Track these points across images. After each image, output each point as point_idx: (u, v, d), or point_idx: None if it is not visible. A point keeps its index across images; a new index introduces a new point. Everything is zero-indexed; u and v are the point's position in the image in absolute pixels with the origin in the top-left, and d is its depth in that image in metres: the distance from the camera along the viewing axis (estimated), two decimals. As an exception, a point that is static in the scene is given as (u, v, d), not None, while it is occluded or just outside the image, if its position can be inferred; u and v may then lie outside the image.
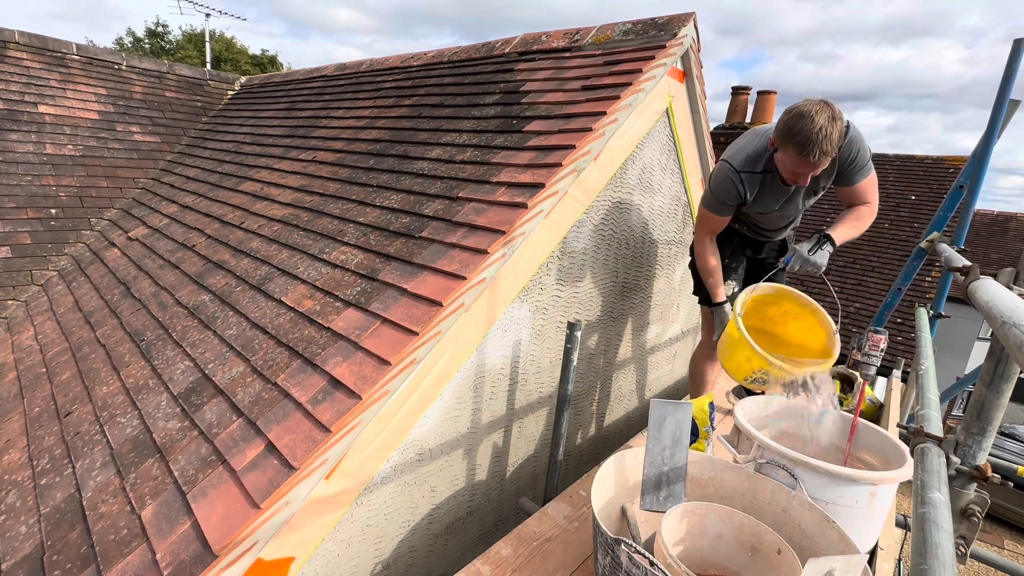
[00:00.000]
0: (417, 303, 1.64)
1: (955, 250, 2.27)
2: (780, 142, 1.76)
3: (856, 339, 3.24)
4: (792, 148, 1.70)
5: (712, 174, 2.04)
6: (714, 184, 2.01)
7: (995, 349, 1.03)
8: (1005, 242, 12.76)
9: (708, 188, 2.06)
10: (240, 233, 2.73)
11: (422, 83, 3.34)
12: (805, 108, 1.67)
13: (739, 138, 2.07)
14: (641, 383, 2.94)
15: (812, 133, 1.64)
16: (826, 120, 1.64)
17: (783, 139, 1.73)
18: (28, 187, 3.79)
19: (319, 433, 1.39)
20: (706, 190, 2.09)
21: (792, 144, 1.69)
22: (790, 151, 1.72)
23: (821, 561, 0.98)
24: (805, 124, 1.65)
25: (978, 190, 3.03)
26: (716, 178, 2.00)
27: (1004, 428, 9.72)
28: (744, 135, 2.05)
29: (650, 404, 1.44)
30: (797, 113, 1.68)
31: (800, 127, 1.66)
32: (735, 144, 2.03)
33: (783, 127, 1.72)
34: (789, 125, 1.69)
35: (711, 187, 2.04)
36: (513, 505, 2.18)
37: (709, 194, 2.05)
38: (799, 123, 1.66)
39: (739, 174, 1.93)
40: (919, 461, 0.99)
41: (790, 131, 1.69)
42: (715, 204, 2.04)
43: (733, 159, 1.95)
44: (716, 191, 2.01)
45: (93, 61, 4.81)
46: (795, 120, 1.67)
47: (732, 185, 1.95)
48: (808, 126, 1.64)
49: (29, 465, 1.85)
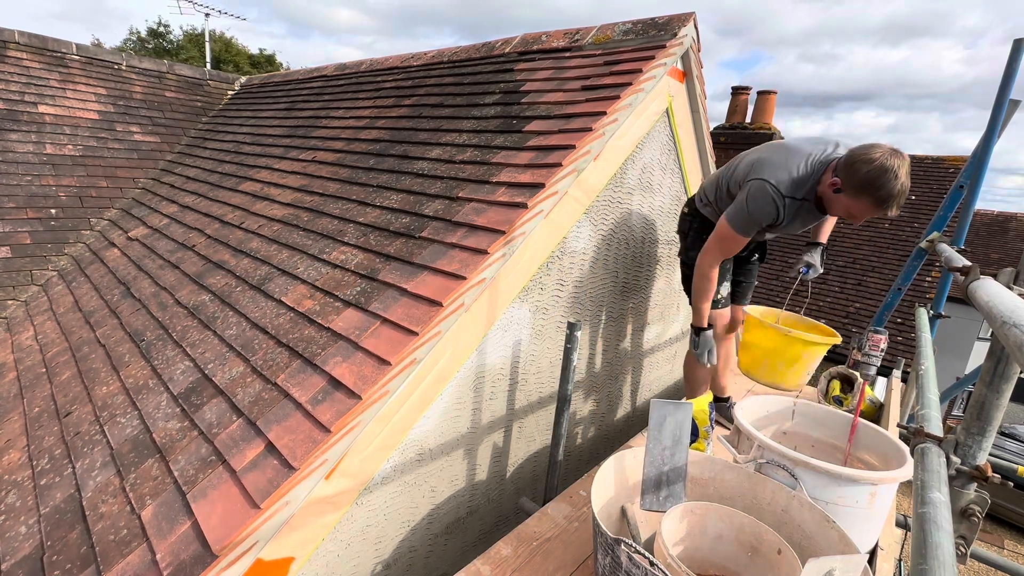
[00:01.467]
0: (417, 303, 1.64)
1: (955, 250, 2.27)
2: (855, 191, 1.70)
3: (856, 339, 3.25)
4: (869, 200, 1.68)
5: (750, 193, 1.88)
6: (753, 205, 1.87)
7: (995, 349, 1.03)
8: (1005, 242, 12.77)
9: (743, 207, 1.89)
10: (240, 233, 2.73)
11: (422, 83, 3.34)
12: (888, 162, 1.62)
13: (768, 152, 1.95)
14: (641, 383, 2.94)
15: (895, 191, 1.63)
16: (905, 175, 1.63)
17: (861, 190, 1.68)
18: (28, 187, 3.79)
19: (319, 433, 1.39)
20: (738, 209, 1.92)
21: (872, 197, 1.67)
22: (865, 201, 1.69)
23: (821, 561, 0.98)
24: (889, 181, 1.62)
25: (978, 190, 3.03)
26: (759, 199, 1.86)
27: (1004, 428, 9.72)
28: (775, 151, 1.94)
29: (650, 404, 1.44)
30: (881, 167, 1.63)
31: (883, 182, 1.63)
32: (771, 161, 1.90)
33: (864, 178, 1.66)
34: (871, 178, 1.64)
35: (749, 207, 1.88)
36: (513, 505, 2.18)
37: (744, 214, 1.90)
38: (883, 178, 1.63)
39: (784, 199, 1.84)
40: (919, 461, 0.99)
41: (872, 184, 1.65)
42: (748, 225, 1.92)
43: (780, 183, 1.83)
44: (755, 212, 1.88)
45: (93, 61, 4.81)
46: (879, 174, 1.63)
47: (775, 208, 1.86)
48: (893, 185, 1.62)
49: (29, 465, 1.85)
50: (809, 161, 1.85)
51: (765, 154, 1.96)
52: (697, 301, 2.15)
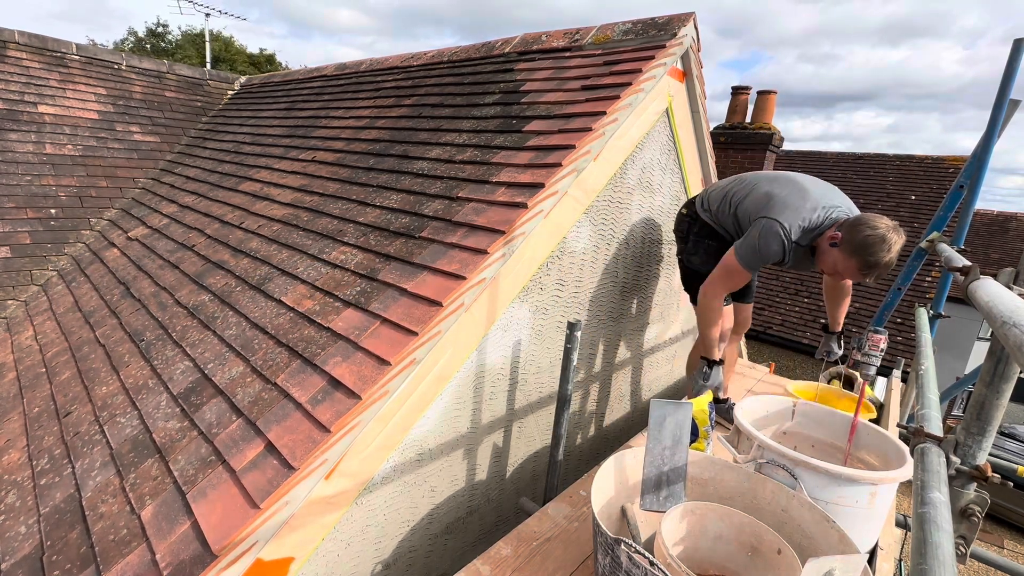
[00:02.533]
0: (417, 303, 1.64)
1: (955, 250, 2.27)
2: (850, 249, 1.78)
3: (856, 339, 3.25)
4: (857, 263, 1.77)
5: (762, 232, 1.91)
6: (764, 245, 1.91)
7: (995, 349, 1.03)
8: (1005, 242, 12.76)
9: (754, 246, 1.93)
10: (240, 233, 2.73)
11: (422, 83, 3.34)
12: (888, 236, 1.72)
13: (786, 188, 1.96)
14: (641, 383, 2.94)
15: (882, 262, 1.73)
16: (895, 253, 1.73)
17: (856, 250, 1.77)
18: (28, 187, 3.79)
19: (319, 433, 1.39)
20: (748, 246, 1.95)
21: (860, 260, 1.76)
22: (853, 263, 1.79)
23: (821, 561, 0.98)
24: (881, 251, 1.72)
25: (978, 190, 3.03)
26: (770, 240, 1.90)
27: (1004, 428, 9.72)
28: (791, 190, 1.96)
29: (650, 404, 1.44)
30: (880, 237, 1.72)
31: (875, 251, 1.72)
32: (786, 202, 1.92)
33: (861, 242, 1.75)
34: (869, 242, 1.73)
35: (759, 246, 1.91)
36: (513, 505, 2.18)
37: (755, 252, 1.93)
38: (879, 246, 1.72)
39: (793, 244, 1.89)
40: (919, 461, 0.98)
41: (865, 249, 1.74)
42: (756, 262, 1.96)
43: (791, 228, 1.88)
44: (764, 251, 1.91)
45: (93, 61, 4.81)
46: (877, 241, 1.72)
47: (782, 251, 1.91)
48: (883, 254, 1.72)
49: (29, 465, 1.85)
50: (820, 213, 1.91)
51: (781, 191, 1.97)
52: (705, 331, 2.15)
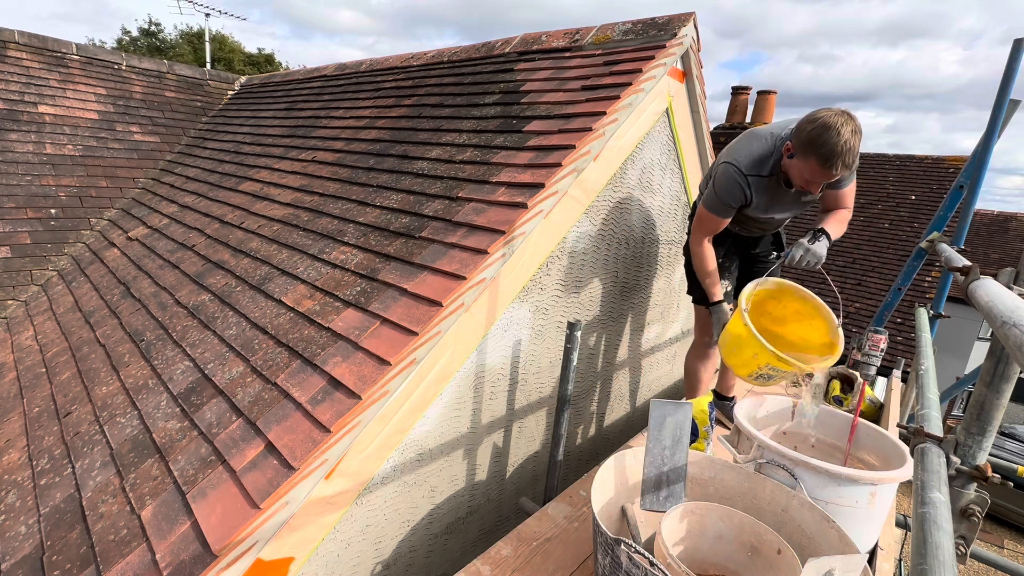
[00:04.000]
0: (417, 303, 1.64)
1: (955, 250, 2.27)
2: (801, 151, 1.74)
3: (856, 339, 3.25)
4: (815, 159, 1.70)
5: (715, 175, 2.01)
6: (719, 186, 1.99)
7: (995, 349, 1.03)
8: (1005, 242, 12.77)
9: (712, 189, 2.03)
10: (240, 233, 2.73)
11: (422, 83, 3.34)
12: (831, 120, 1.66)
13: (737, 139, 2.04)
14: (641, 383, 2.94)
15: (837, 146, 1.64)
16: (850, 133, 1.64)
17: (806, 149, 1.72)
18: (28, 187, 3.79)
19: (319, 433, 1.39)
20: (708, 191, 2.06)
21: (815, 155, 1.69)
22: (811, 161, 1.72)
23: (821, 561, 0.98)
24: (831, 136, 1.64)
25: (978, 190, 3.03)
26: (722, 180, 1.98)
27: (1004, 428, 9.73)
28: (742, 136, 2.03)
29: (650, 404, 1.44)
30: (822, 124, 1.66)
31: (825, 139, 1.65)
32: (736, 146, 2.00)
33: (807, 137, 1.70)
34: (813, 136, 1.68)
35: (715, 189, 2.00)
36: (513, 505, 2.18)
37: (713, 195, 2.02)
38: (824, 135, 1.65)
39: (746, 177, 1.92)
40: (919, 461, 0.98)
41: (814, 142, 1.68)
42: (719, 206, 2.02)
43: (739, 162, 1.93)
44: (721, 193, 1.98)
45: (93, 61, 4.81)
46: (820, 131, 1.66)
47: (739, 188, 1.94)
48: (834, 139, 1.64)
49: (29, 465, 1.85)
50: (771, 139, 1.91)
51: (733, 142, 2.03)
52: (700, 278, 2.20)
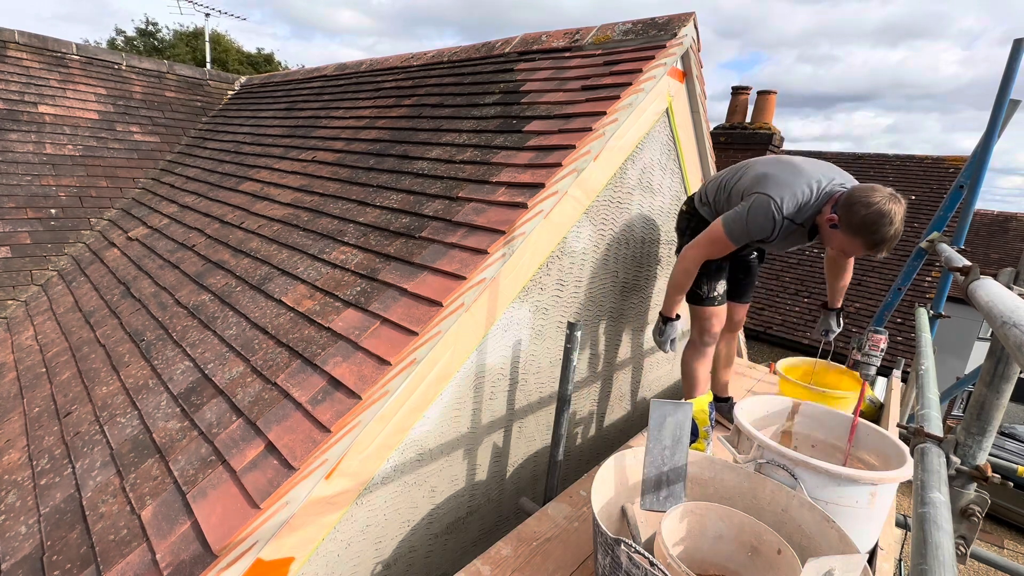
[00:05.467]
0: (417, 303, 1.64)
1: (955, 250, 2.27)
2: (850, 230, 1.73)
3: (856, 339, 3.24)
4: (863, 241, 1.71)
5: (753, 205, 1.86)
6: (752, 217, 1.86)
7: (995, 349, 1.03)
8: (1005, 242, 12.76)
9: (744, 217, 1.88)
10: (240, 233, 2.73)
11: (422, 83, 3.34)
12: (886, 207, 1.64)
13: (780, 167, 1.92)
14: (641, 383, 2.94)
15: (888, 234, 1.65)
16: (900, 221, 1.65)
17: (857, 230, 1.71)
18: (28, 187, 3.79)
19: (319, 433, 1.39)
20: (737, 217, 1.90)
21: (866, 239, 1.70)
22: (859, 242, 1.73)
23: (821, 561, 0.98)
24: (884, 225, 1.65)
25: (978, 190, 3.03)
26: (758, 213, 1.85)
27: (1004, 428, 9.72)
28: (786, 168, 1.91)
29: (650, 404, 1.44)
30: (878, 212, 1.65)
31: (879, 226, 1.66)
32: (780, 178, 1.87)
33: (860, 221, 1.68)
34: (868, 221, 1.67)
35: (748, 218, 1.87)
36: (513, 505, 2.18)
37: (742, 223, 1.89)
38: (879, 222, 1.65)
39: (784, 220, 1.84)
40: (919, 461, 0.98)
41: (867, 227, 1.68)
42: (742, 235, 1.91)
43: (784, 202, 1.82)
44: (752, 225, 1.86)
45: (93, 61, 4.81)
46: (876, 218, 1.65)
47: (772, 227, 1.85)
48: (886, 228, 1.65)
49: (29, 465, 1.85)
50: (814, 188, 1.85)
51: (773, 170, 1.93)
52: (672, 291, 2.15)
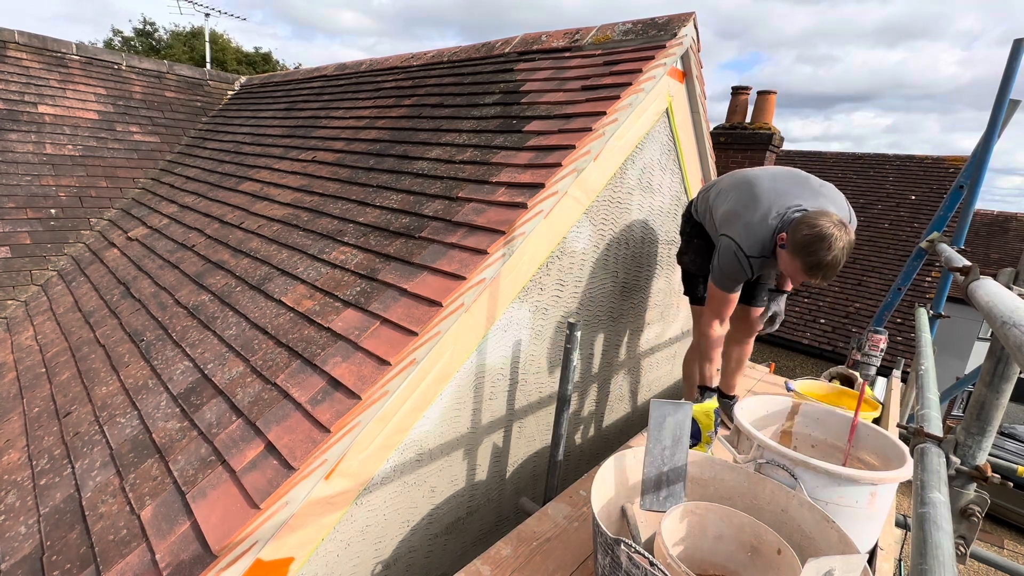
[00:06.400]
0: (417, 303, 1.64)
1: (955, 250, 2.27)
2: (792, 249, 1.75)
3: (856, 339, 3.25)
4: (801, 264, 1.72)
5: (721, 252, 1.97)
6: (726, 264, 1.96)
7: (995, 349, 1.03)
8: (1005, 242, 12.76)
9: (719, 268, 1.98)
10: (240, 233, 2.73)
11: (422, 83, 3.34)
12: (828, 231, 1.65)
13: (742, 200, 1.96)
14: (641, 383, 2.94)
15: (825, 260, 1.66)
16: (840, 250, 1.66)
17: (796, 251, 1.73)
18: (28, 187, 3.79)
19: (319, 433, 1.39)
20: (716, 270, 2.01)
21: (803, 261, 1.71)
22: (798, 264, 1.74)
23: (821, 561, 0.98)
24: (821, 251, 1.66)
25: (978, 190, 3.03)
26: (727, 260, 1.94)
27: (1004, 428, 9.72)
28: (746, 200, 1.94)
29: (650, 404, 1.44)
30: (818, 235, 1.66)
31: (815, 249, 1.67)
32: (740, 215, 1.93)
33: (801, 241, 1.70)
34: (806, 242, 1.68)
35: (722, 266, 1.97)
36: (513, 505, 2.18)
37: (720, 274, 1.99)
38: (816, 245, 1.66)
39: (749, 259, 1.91)
40: (919, 461, 0.98)
41: (805, 248, 1.69)
42: (728, 282, 2.00)
43: (743, 243, 1.90)
44: (728, 271, 1.96)
45: (93, 61, 4.81)
46: (814, 240, 1.67)
47: (742, 269, 1.93)
48: (823, 253, 1.66)
49: (28, 465, 1.85)
50: (771, 218, 1.87)
51: (736, 206, 1.97)
52: (702, 361, 2.16)
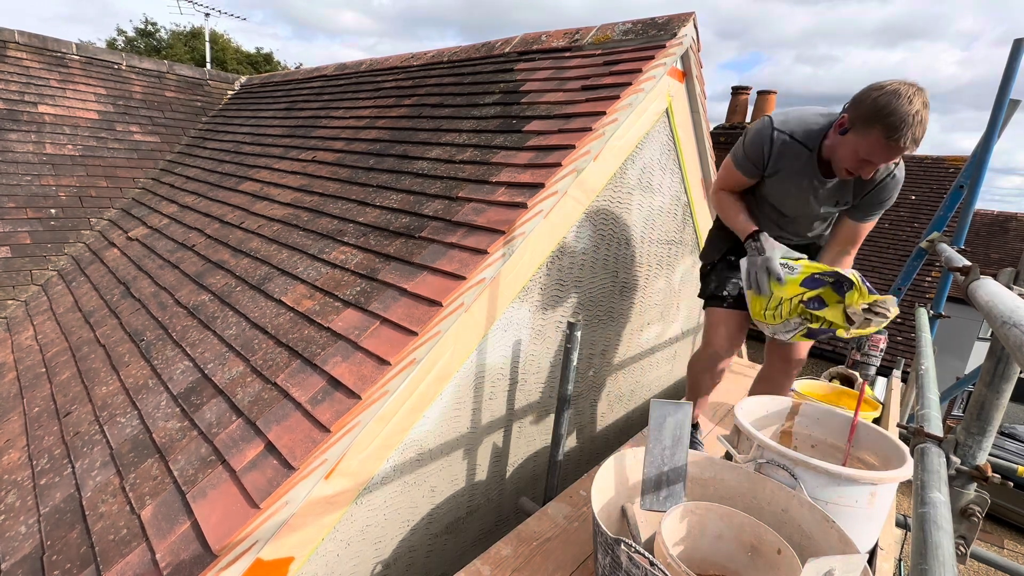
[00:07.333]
0: (417, 303, 1.64)
1: (955, 250, 2.27)
2: (863, 121, 1.49)
3: (856, 339, 3.24)
4: (880, 129, 1.46)
5: (750, 127, 1.83)
6: (748, 135, 1.82)
7: (995, 349, 1.03)
8: (1005, 242, 12.75)
9: (741, 138, 1.85)
10: (240, 233, 2.73)
11: (422, 83, 3.34)
12: (900, 87, 1.44)
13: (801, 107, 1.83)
14: (641, 383, 2.94)
15: (908, 115, 1.41)
16: (922, 105, 1.42)
17: (869, 118, 1.47)
18: (28, 187, 3.79)
19: (319, 433, 1.39)
20: (740, 139, 1.87)
21: (881, 124, 1.45)
22: (874, 133, 1.47)
23: (821, 561, 0.98)
24: (901, 105, 1.42)
25: (978, 190, 3.03)
26: (752, 131, 1.80)
27: (1004, 428, 9.72)
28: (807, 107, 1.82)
29: (650, 404, 1.44)
30: (892, 91, 1.44)
31: (895, 107, 1.42)
32: (790, 108, 1.80)
33: (871, 104, 1.46)
34: (881, 103, 1.44)
35: (744, 137, 1.83)
36: (513, 505, 2.18)
37: (740, 144, 1.84)
38: (894, 102, 1.42)
39: (774, 132, 1.70)
40: (919, 461, 0.98)
41: (881, 110, 1.44)
42: (740, 156, 1.84)
43: (775, 117, 1.73)
44: (747, 142, 1.81)
45: (93, 61, 4.81)
46: (889, 98, 1.43)
47: (761, 141, 1.74)
48: (905, 107, 1.41)
49: (28, 465, 1.85)
50: (825, 115, 1.71)
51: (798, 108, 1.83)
52: (729, 222, 1.97)
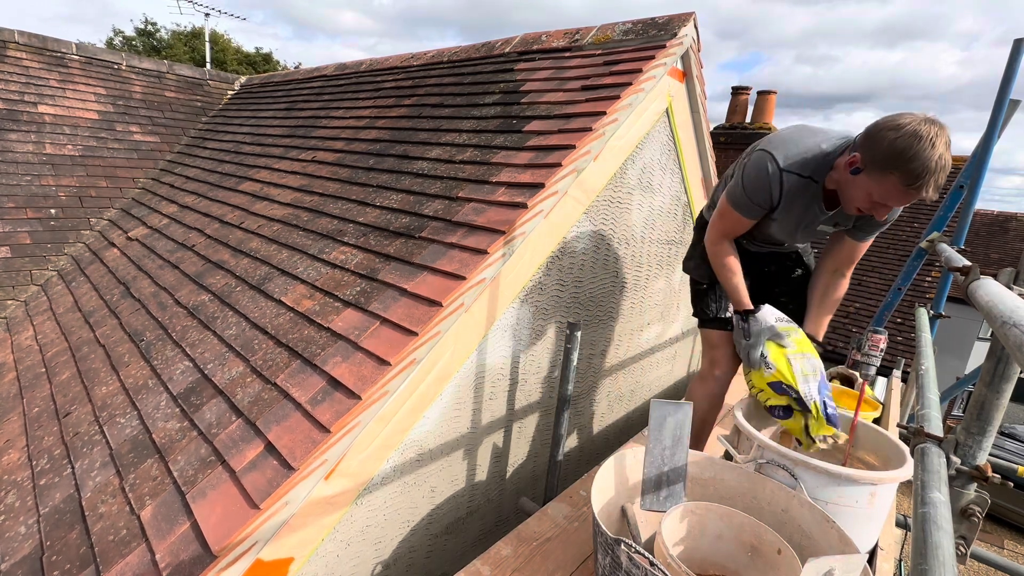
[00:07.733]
0: (417, 303, 1.64)
1: (955, 250, 2.26)
2: (879, 165, 1.36)
3: (856, 339, 3.24)
4: (899, 176, 1.33)
5: (748, 164, 1.65)
6: (748, 176, 1.64)
7: (995, 349, 1.03)
8: (1005, 242, 12.76)
9: (739, 179, 1.68)
10: (240, 233, 2.73)
11: (422, 83, 3.34)
12: (920, 127, 1.29)
13: (788, 129, 1.68)
14: (641, 383, 2.94)
15: (931, 161, 1.28)
16: (945, 147, 1.29)
17: (887, 162, 1.34)
18: (28, 187, 3.79)
19: (318, 433, 1.39)
20: (735, 181, 1.70)
21: (901, 171, 1.32)
22: (892, 179, 1.34)
23: (821, 561, 0.98)
24: (924, 149, 1.28)
25: (978, 190, 3.03)
26: (752, 170, 1.63)
27: (1004, 428, 9.72)
28: (793, 128, 1.67)
29: (650, 404, 1.44)
30: (911, 132, 1.29)
31: (916, 152, 1.28)
32: (782, 134, 1.65)
33: (888, 148, 1.32)
34: (900, 147, 1.30)
35: (744, 178, 1.66)
36: (513, 505, 2.18)
37: (740, 187, 1.67)
38: (915, 146, 1.28)
39: (783, 173, 1.56)
40: (919, 461, 0.98)
41: (900, 155, 1.30)
42: (742, 199, 1.67)
43: (779, 154, 1.57)
44: (748, 185, 1.64)
45: (92, 61, 4.80)
46: (909, 141, 1.29)
47: (769, 185, 1.60)
48: (927, 152, 1.28)
49: (28, 465, 1.85)
50: (826, 142, 1.56)
51: (780, 131, 1.69)
52: (725, 284, 1.81)
